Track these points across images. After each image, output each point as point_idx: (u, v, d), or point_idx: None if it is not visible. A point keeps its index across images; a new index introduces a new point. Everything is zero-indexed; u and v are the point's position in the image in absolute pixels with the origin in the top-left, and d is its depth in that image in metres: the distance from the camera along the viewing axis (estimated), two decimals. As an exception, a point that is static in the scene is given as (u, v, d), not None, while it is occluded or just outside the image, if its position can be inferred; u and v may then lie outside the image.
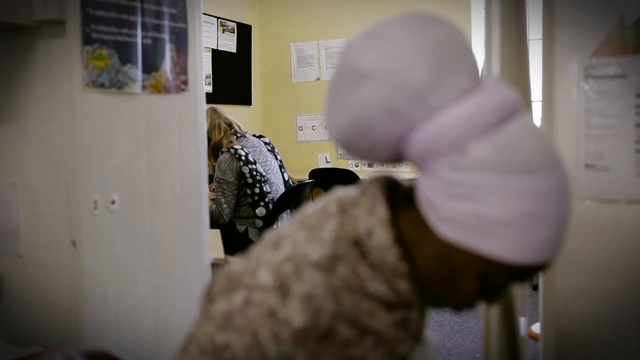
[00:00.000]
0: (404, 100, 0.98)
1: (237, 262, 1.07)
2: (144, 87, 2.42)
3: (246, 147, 4.91)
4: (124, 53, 2.32)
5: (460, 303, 1.08)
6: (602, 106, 2.16)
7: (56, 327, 2.36)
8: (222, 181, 4.72)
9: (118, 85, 2.32)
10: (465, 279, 1.03)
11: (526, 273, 1.03)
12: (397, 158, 1.08)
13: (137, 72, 2.38)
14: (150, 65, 2.44)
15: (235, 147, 4.84)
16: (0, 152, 2.48)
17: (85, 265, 2.28)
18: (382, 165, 1.17)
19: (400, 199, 1.10)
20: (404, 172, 6.96)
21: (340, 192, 1.14)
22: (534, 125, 1.02)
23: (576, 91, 2.18)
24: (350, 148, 1.08)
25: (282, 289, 0.98)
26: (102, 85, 2.27)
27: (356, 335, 1.04)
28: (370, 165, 7.39)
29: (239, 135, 4.99)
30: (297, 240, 1.05)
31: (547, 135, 1.03)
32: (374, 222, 1.05)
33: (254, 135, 5.15)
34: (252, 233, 4.87)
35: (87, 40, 2.22)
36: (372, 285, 1.05)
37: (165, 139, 2.55)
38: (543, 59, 2.26)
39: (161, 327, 2.56)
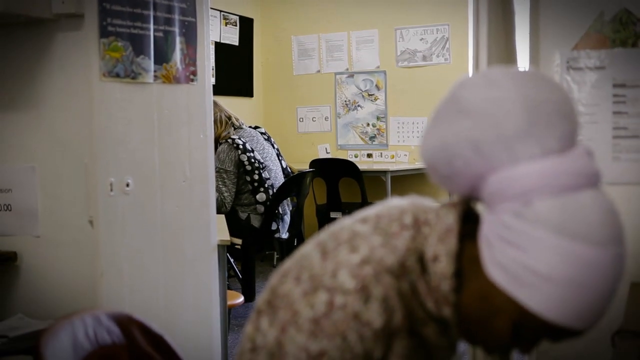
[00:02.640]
0: (491, 142, 1.04)
1: (313, 258, 1.13)
2: (156, 78, 2.58)
3: (243, 137, 5.08)
4: (138, 45, 2.48)
5: (492, 345, 1.13)
6: (583, 95, 2.33)
7: (74, 302, 2.51)
8: (221, 170, 4.88)
9: (132, 75, 2.48)
10: (500, 322, 1.07)
11: (559, 334, 1.05)
12: (472, 194, 1.12)
13: (150, 63, 2.54)
14: (162, 57, 2.60)
15: (232, 137, 5.01)
16: (21, 138, 2.64)
17: (101, 243, 2.43)
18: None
19: (470, 230, 1.14)
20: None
21: (417, 202, 1.21)
22: (608, 202, 1.04)
23: (558, 81, 2.35)
24: (433, 170, 1.14)
25: (364, 292, 1.05)
26: (117, 75, 2.43)
27: (408, 336, 1.13)
28: (369, 156, 7.53)
29: (236, 126, 5.16)
30: (372, 244, 1.11)
31: (617, 215, 1.05)
32: (442, 251, 1.10)
33: (249, 127, 5.33)
34: (254, 220, 5.03)
35: (103, 33, 2.38)
36: (426, 301, 1.13)
37: (175, 126, 2.71)
38: (529, 52, 2.42)
39: (171, 303, 2.71)
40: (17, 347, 2.34)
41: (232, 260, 5.21)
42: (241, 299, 3.75)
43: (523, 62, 2.47)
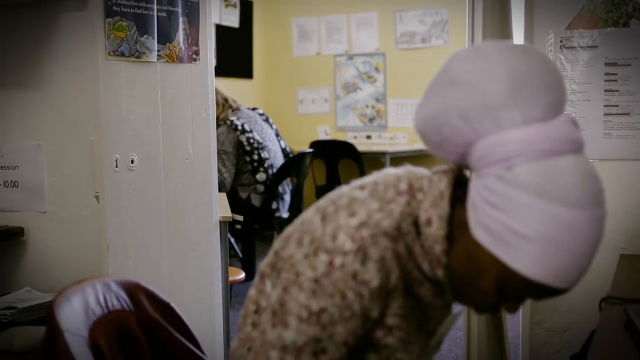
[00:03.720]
0: (477, 110, 1.10)
1: (314, 223, 1.20)
2: (159, 57, 2.64)
3: (241, 118, 5.14)
4: (142, 25, 2.54)
5: (480, 304, 1.19)
6: (575, 74, 2.39)
7: (80, 276, 2.52)
8: (221, 152, 4.94)
9: (136, 54, 2.54)
10: (484, 280, 1.13)
11: (540, 292, 1.11)
12: (462, 162, 1.19)
13: (154, 43, 2.59)
14: (165, 37, 2.66)
15: (231, 118, 5.08)
16: (27, 116, 2.69)
17: (107, 217, 2.50)
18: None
19: (461, 196, 1.20)
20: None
21: (412, 170, 1.28)
22: (588, 167, 1.09)
23: (552, 59, 2.41)
24: (424, 138, 1.20)
25: (362, 253, 1.12)
26: (122, 54, 2.49)
27: (404, 297, 1.21)
28: (368, 138, 7.58)
29: (234, 108, 5.22)
30: (370, 208, 1.17)
31: (596, 179, 1.10)
32: (435, 215, 1.17)
33: (247, 108, 5.39)
34: (254, 199, 5.10)
35: (109, 12, 2.44)
36: (421, 262, 1.20)
37: (178, 105, 2.77)
38: (524, 32, 2.48)
39: (174, 277, 2.78)
40: (26, 318, 2.41)
41: (232, 240, 5.29)
42: (242, 275, 3.82)
43: (518, 42, 2.52)
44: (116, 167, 2.52)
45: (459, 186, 1.23)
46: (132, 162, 2.57)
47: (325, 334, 1.13)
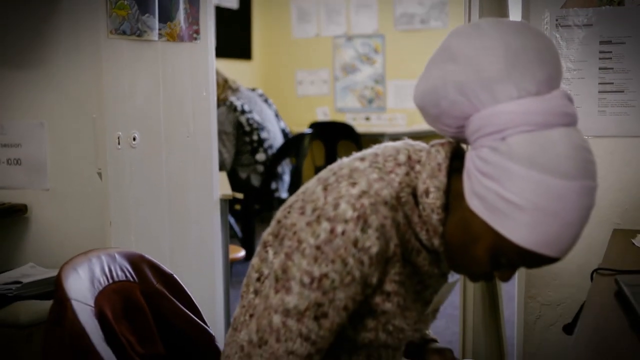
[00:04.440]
0: (474, 84, 1.14)
1: (316, 192, 1.24)
2: (160, 36, 2.67)
3: (241, 99, 5.18)
4: (143, 4, 2.56)
5: (474, 271, 1.24)
6: (571, 52, 2.43)
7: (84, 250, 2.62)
8: (220, 132, 4.98)
9: (138, 33, 2.57)
10: (479, 249, 1.17)
11: (532, 260, 1.15)
12: (459, 135, 1.23)
13: (155, 22, 2.62)
14: (166, 16, 2.68)
15: (230, 99, 5.11)
16: (30, 94, 2.72)
17: (110, 193, 2.54)
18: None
19: (457, 167, 1.24)
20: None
21: (410, 143, 1.33)
22: (579, 139, 1.13)
23: (548, 37, 2.45)
24: (423, 111, 1.24)
25: (362, 220, 1.16)
26: (124, 33, 2.52)
27: (402, 264, 1.25)
28: (367, 119, 7.61)
29: (233, 88, 5.26)
30: (370, 178, 1.22)
31: (588, 151, 1.13)
32: (432, 185, 1.22)
33: (247, 89, 5.42)
34: (254, 179, 5.14)
35: (110, -9, 2.47)
36: (420, 231, 1.25)
37: (179, 83, 2.80)
38: (521, 11, 2.51)
39: (176, 253, 2.83)
40: (31, 292, 2.46)
41: (232, 220, 5.33)
42: (243, 252, 3.87)
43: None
44: (118, 144, 2.55)
45: (456, 158, 1.27)
46: (134, 139, 2.60)
47: (327, 299, 1.18)
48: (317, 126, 6.72)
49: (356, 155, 1.33)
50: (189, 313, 1.70)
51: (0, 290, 2.44)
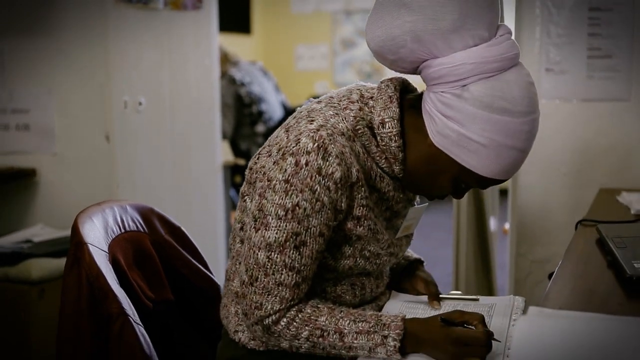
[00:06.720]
0: (431, 34, 1.23)
1: (280, 135, 1.35)
2: (165, 4, 2.75)
3: (240, 72, 5.26)
4: (148, -28, 2.65)
5: (434, 194, 1.40)
6: (561, 18, 2.51)
7: None
8: (222, 104, 5.06)
9: (143, 1, 2.65)
10: (443, 178, 1.34)
11: (488, 183, 1.33)
12: (413, 72, 1.34)
13: (159, -10, 2.70)
14: (171, -16, 2.77)
15: (230, 72, 5.20)
16: (37, 62, 2.80)
17: (117, 156, 2.63)
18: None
19: (408, 102, 1.38)
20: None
21: (362, 83, 1.47)
22: (526, 76, 1.28)
23: (539, 5, 2.55)
24: (379, 56, 1.34)
25: (323, 149, 1.27)
26: (129, 1, 2.60)
27: (367, 190, 1.36)
28: (365, 93, 7.65)
29: (233, 62, 5.33)
30: (326, 114, 1.34)
31: (533, 86, 1.29)
32: (387, 116, 1.34)
33: (247, 62, 5.50)
34: (254, 150, 5.23)
35: (116, -40, 2.54)
36: (379, 159, 1.37)
37: (183, 51, 2.89)
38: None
39: (180, 214, 2.91)
40: (42, 251, 2.55)
41: (233, 192, 5.42)
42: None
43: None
44: (125, 108, 2.64)
45: (406, 91, 1.41)
46: (140, 104, 2.69)
47: (302, 228, 1.29)
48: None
49: (313, 100, 1.45)
50: (196, 262, 1.80)
51: (12, 248, 2.54)
